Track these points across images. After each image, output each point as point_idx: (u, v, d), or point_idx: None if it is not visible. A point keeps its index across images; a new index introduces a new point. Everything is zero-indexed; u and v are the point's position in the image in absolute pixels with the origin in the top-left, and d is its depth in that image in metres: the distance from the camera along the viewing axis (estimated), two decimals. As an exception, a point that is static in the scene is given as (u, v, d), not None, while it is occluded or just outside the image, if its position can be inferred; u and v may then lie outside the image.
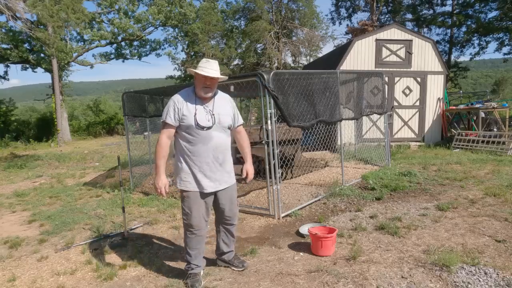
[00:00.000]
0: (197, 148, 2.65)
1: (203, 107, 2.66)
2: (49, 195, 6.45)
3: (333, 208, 4.71)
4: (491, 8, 20.97)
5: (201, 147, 2.64)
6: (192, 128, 2.61)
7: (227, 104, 2.81)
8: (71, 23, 16.75)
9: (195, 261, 2.80)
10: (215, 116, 2.67)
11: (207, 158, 2.66)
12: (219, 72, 2.68)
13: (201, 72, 2.56)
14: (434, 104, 10.84)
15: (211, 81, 2.62)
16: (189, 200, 2.69)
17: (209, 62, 2.63)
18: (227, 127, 2.76)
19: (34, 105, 33.14)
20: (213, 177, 2.70)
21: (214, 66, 2.62)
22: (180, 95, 2.69)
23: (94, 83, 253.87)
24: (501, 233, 3.49)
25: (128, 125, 6.92)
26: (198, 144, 2.64)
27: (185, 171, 2.68)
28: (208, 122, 2.64)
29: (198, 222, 2.72)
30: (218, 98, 2.77)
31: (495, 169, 6.43)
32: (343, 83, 6.34)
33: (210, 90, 2.65)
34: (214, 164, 2.69)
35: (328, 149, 7.94)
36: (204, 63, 2.62)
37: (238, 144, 2.96)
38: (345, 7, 27.60)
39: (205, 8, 24.60)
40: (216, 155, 2.69)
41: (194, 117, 2.60)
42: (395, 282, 2.67)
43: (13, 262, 3.50)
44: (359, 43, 10.40)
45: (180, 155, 2.71)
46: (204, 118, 2.63)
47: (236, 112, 2.87)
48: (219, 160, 2.71)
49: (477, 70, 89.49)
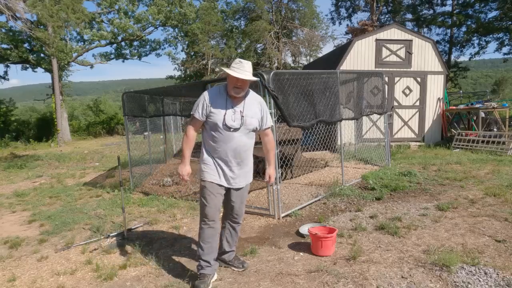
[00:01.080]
0: (218, 145, 2.71)
1: (232, 107, 2.69)
2: (49, 195, 6.45)
3: (333, 208, 4.71)
4: (491, 8, 20.97)
5: (221, 145, 2.70)
6: (218, 127, 2.66)
7: (257, 106, 2.81)
8: (71, 23, 16.75)
9: (206, 256, 2.77)
10: (244, 119, 2.70)
11: (226, 157, 2.72)
12: (251, 74, 2.70)
13: (232, 73, 2.58)
14: (434, 104, 10.84)
15: (243, 83, 2.63)
16: (206, 190, 2.74)
17: (242, 63, 2.64)
18: (252, 129, 2.78)
19: (34, 105, 33.14)
20: (229, 175, 2.76)
21: (246, 67, 2.64)
22: (212, 91, 2.75)
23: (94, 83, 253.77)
24: (501, 233, 3.49)
25: (128, 125, 6.91)
26: (219, 142, 2.70)
27: (206, 162, 2.76)
28: (235, 123, 2.68)
29: (213, 213, 2.76)
30: (249, 99, 2.79)
31: (495, 169, 6.43)
32: (343, 83, 6.34)
33: (241, 91, 2.67)
34: (232, 163, 2.75)
35: (328, 149, 7.94)
36: (237, 64, 2.64)
37: (264, 147, 2.96)
38: (345, 7, 27.60)
39: (205, 8, 24.60)
40: (234, 155, 2.73)
41: (223, 116, 2.65)
42: (395, 282, 2.67)
43: (13, 262, 3.50)
44: (359, 43, 10.40)
45: (204, 147, 2.80)
46: (232, 119, 2.67)
47: (266, 114, 2.87)
48: (237, 160, 2.75)
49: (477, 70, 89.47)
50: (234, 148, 2.71)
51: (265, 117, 2.85)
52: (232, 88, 2.64)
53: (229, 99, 2.71)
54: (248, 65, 2.66)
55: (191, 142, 2.76)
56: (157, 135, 9.39)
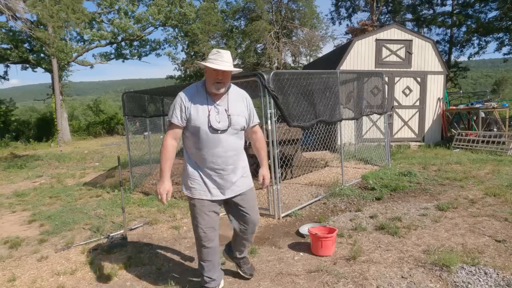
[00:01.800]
0: (204, 152, 2.35)
1: (215, 106, 2.34)
2: (49, 195, 6.45)
3: (333, 208, 4.71)
4: (491, 8, 20.98)
5: (208, 152, 2.34)
6: (202, 130, 2.30)
7: (242, 102, 2.47)
8: (71, 23, 16.74)
9: (208, 273, 2.55)
10: (230, 118, 2.35)
11: (215, 164, 2.36)
12: (232, 64, 2.33)
13: (211, 65, 2.22)
14: (434, 104, 10.84)
15: (224, 75, 2.27)
16: (196, 209, 2.41)
17: (220, 53, 2.28)
18: (240, 129, 2.44)
19: (34, 105, 33.16)
20: (222, 185, 2.41)
21: (226, 57, 2.27)
22: (188, 90, 2.38)
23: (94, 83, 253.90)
24: (501, 233, 3.49)
25: (128, 125, 6.92)
26: (205, 148, 2.34)
27: (191, 175, 2.40)
28: (221, 125, 2.32)
29: (208, 234, 2.43)
30: (232, 94, 2.44)
31: (495, 169, 6.43)
32: (343, 83, 6.34)
33: (223, 85, 2.31)
34: (223, 170, 2.39)
35: (328, 149, 7.95)
36: (215, 55, 2.28)
37: (253, 146, 2.62)
38: (345, 7, 27.62)
39: (205, 8, 24.61)
40: (225, 160, 2.38)
41: (207, 118, 2.30)
42: (395, 282, 2.67)
43: (13, 262, 3.50)
44: (359, 43, 10.40)
45: (187, 157, 2.44)
46: (217, 120, 2.32)
47: (252, 110, 2.52)
48: (230, 165, 2.40)
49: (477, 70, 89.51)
50: (224, 153, 2.35)
51: (252, 113, 2.52)
52: (212, 83, 2.28)
53: (210, 97, 2.35)
54: (227, 55, 2.31)
55: (170, 154, 2.35)
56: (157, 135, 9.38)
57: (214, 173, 2.38)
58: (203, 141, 2.33)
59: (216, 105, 2.35)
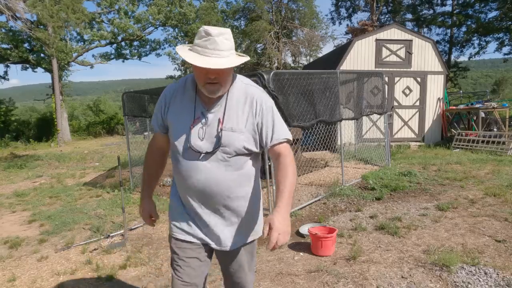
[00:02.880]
0: (180, 179, 1.60)
1: (204, 114, 1.53)
2: (49, 195, 6.45)
3: (333, 208, 4.71)
4: (491, 8, 20.99)
5: (184, 181, 1.57)
6: (178, 149, 1.55)
7: (249, 107, 1.54)
8: (71, 23, 16.75)
9: None
10: (222, 134, 1.50)
11: (193, 200, 1.58)
12: (233, 52, 1.47)
13: (194, 62, 1.38)
14: (434, 104, 10.84)
15: (219, 74, 1.43)
16: (172, 249, 1.69)
17: (212, 38, 1.38)
18: (238, 153, 1.53)
19: (34, 105, 33.17)
20: (203, 227, 1.62)
21: (221, 44, 1.40)
22: (174, 87, 1.66)
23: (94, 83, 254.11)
24: (501, 233, 3.50)
25: (128, 125, 6.92)
26: (180, 174, 1.58)
27: (173, 201, 1.70)
28: (205, 143, 1.51)
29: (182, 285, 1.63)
30: (234, 95, 1.55)
31: (495, 169, 6.43)
32: (343, 83, 6.34)
33: (219, 87, 1.47)
34: (202, 209, 1.59)
35: (328, 149, 7.94)
36: (204, 40, 1.40)
37: (274, 173, 1.60)
38: (345, 7, 27.63)
39: (205, 8, 24.61)
40: (205, 200, 1.57)
41: (188, 131, 1.52)
42: (395, 282, 2.67)
43: (13, 262, 3.50)
44: (359, 43, 10.40)
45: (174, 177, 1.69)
46: (201, 135, 1.52)
47: (267, 120, 1.56)
48: (214, 206, 1.58)
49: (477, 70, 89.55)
50: (202, 188, 1.53)
51: (268, 125, 1.55)
52: (203, 84, 1.46)
53: (199, 99, 1.55)
54: (224, 39, 1.41)
55: (149, 166, 1.76)
56: (157, 135, 9.38)
57: (195, 209, 1.60)
58: (180, 164, 1.56)
59: (205, 112, 1.53)
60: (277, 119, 1.58)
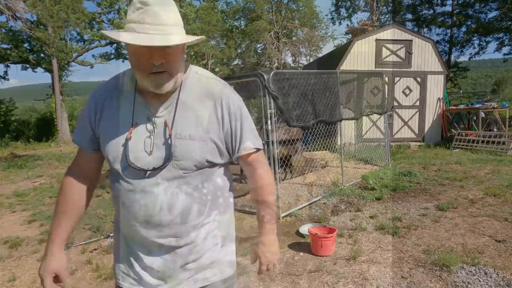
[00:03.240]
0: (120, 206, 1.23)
1: (149, 117, 1.16)
2: (49, 195, 6.45)
3: (333, 208, 4.71)
4: (491, 8, 20.99)
5: (126, 208, 1.20)
6: (114, 167, 1.19)
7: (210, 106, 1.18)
8: (71, 23, 16.75)
9: None
10: (173, 142, 1.13)
11: (137, 237, 1.20)
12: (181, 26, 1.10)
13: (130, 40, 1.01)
14: (434, 104, 10.84)
15: (167, 55, 1.06)
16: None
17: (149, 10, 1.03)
18: (200, 166, 1.16)
19: (34, 105, 33.16)
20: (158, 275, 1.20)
21: (164, 17, 1.04)
22: (105, 88, 1.25)
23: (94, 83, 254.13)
24: (501, 233, 3.50)
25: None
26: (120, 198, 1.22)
27: (114, 238, 1.33)
28: (154, 158, 1.14)
29: None
30: (189, 92, 1.18)
31: (495, 169, 6.43)
32: (343, 83, 6.34)
33: (167, 77, 1.09)
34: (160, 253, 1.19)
35: (328, 149, 7.95)
36: (140, 14, 1.03)
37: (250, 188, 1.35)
38: (345, 7, 27.63)
39: (205, 8, 24.63)
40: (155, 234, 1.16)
41: (124, 143, 1.15)
42: (395, 282, 2.67)
43: (13, 262, 3.50)
44: (359, 43, 10.40)
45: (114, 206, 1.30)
46: (146, 147, 1.14)
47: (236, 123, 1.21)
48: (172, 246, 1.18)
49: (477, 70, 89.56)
50: (150, 217, 1.15)
51: (237, 131, 1.21)
52: (145, 76, 1.08)
53: (142, 99, 1.17)
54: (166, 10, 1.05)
55: (67, 195, 1.28)
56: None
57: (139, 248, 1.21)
58: (117, 188, 1.22)
59: (151, 115, 1.15)
60: (247, 123, 1.23)
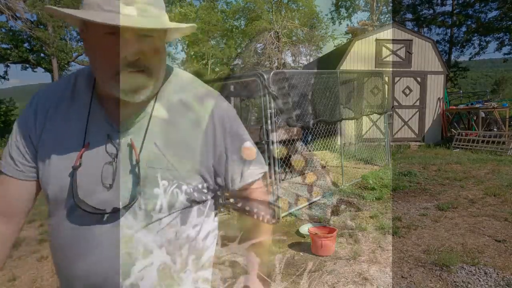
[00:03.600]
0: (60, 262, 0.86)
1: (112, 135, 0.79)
2: (49, 195, 6.45)
3: (333, 208, 4.71)
4: (491, 8, 21.02)
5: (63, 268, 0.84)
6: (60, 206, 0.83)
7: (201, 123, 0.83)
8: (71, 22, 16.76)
9: None
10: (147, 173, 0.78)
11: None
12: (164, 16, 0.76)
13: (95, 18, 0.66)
14: (434, 104, 10.84)
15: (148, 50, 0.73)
16: None
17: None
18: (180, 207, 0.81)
19: (34, 105, 33.14)
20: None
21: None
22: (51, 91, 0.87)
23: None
24: (501, 233, 3.50)
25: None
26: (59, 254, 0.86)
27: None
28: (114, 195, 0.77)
29: None
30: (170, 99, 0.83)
31: (495, 169, 6.43)
32: (343, 83, 6.34)
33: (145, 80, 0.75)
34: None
35: (328, 149, 7.95)
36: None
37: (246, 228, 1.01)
38: (345, 7, 27.62)
39: (205, 8, 24.63)
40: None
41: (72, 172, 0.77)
42: (395, 282, 2.67)
43: (13, 262, 3.50)
44: (359, 43, 10.40)
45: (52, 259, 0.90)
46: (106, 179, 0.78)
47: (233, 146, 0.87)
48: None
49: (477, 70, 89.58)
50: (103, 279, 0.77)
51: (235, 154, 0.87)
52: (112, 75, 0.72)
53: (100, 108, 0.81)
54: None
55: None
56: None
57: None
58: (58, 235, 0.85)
59: (114, 133, 0.80)
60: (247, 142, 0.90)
